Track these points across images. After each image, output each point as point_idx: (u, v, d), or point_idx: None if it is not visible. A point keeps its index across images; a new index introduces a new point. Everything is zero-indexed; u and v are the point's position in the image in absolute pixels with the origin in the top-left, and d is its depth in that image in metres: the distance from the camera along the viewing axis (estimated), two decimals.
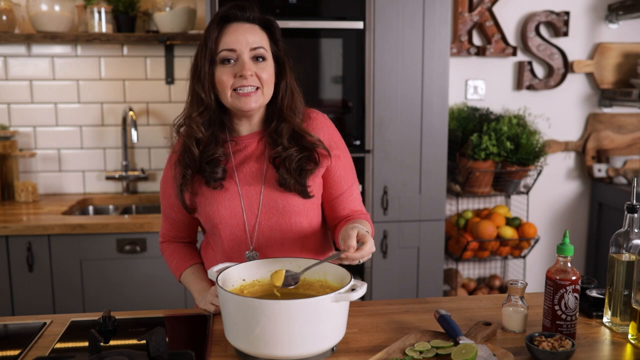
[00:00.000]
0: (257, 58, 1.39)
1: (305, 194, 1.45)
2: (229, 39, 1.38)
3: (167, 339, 1.19)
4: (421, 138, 2.62)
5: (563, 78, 3.23)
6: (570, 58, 3.24)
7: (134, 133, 2.84)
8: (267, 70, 1.41)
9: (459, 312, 1.45)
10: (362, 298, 1.44)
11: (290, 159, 1.42)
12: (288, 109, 1.44)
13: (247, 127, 1.48)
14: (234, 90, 1.39)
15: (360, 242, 1.29)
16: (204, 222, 1.50)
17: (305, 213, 1.47)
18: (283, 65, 1.45)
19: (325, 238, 1.59)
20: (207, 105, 1.41)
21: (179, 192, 1.46)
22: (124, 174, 3.02)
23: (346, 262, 1.29)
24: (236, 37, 1.38)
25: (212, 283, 1.50)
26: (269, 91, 1.42)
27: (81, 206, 2.93)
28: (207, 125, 1.43)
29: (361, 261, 1.31)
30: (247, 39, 1.38)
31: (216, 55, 1.38)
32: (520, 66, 3.21)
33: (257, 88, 1.39)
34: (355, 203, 1.54)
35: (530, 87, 3.22)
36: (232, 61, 1.38)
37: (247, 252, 1.47)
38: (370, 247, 1.29)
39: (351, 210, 1.53)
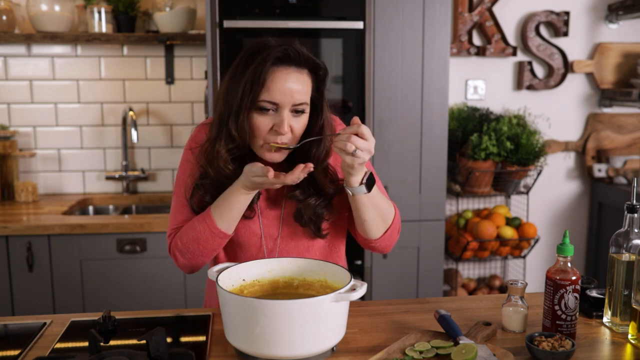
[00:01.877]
0: (296, 111, 1.33)
1: (319, 234, 1.45)
2: (275, 90, 1.28)
3: (167, 339, 1.19)
4: (421, 138, 2.62)
5: (563, 78, 3.23)
6: (570, 58, 3.24)
7: (134, 133, 2.84)
8: (302, 122, 1.34)
9: (459, 312, 1.45)
10: (362, 298, 1.44)
11: (307, 208, 1.41)
12: (314, 158, 1.38)
13: None
14: (267, 142, 1.33)
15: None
16: None
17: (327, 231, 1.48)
18: (320, 107, 1.39)
19: (342, 256, 1.59)
20: (237, 145, 1.34)
21: (191, 203, 1.42)
22: (124, 174, 3.02)
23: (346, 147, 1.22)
24: (283, 88, 1.29)
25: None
26: (296, 141, 1.36)
27: (81, 206, 2.93)
28: (235, 160, 1.37)
29: (356, 151, 1.22)
30: (292, 92, 1.29)
31: (257, 102, 1.30)
32: (520, 66, 3.21)
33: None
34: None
35: (530, 87, 3.22)
36: (271, 111, 1.31)
37: None
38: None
39: None
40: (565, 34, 3.19)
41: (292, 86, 1.30)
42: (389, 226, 1.44)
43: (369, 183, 1.32)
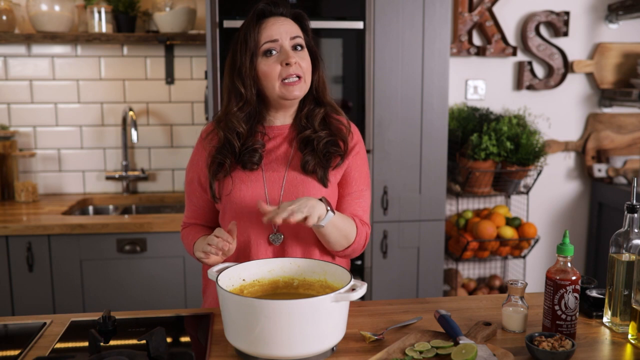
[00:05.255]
0: (296, 47, 1.46)
1: (324, 179, 1.49)
2: (269, 32, 1.44)
3: (167, 339, 1.19)
4: (421, 138, 2.62)
5: (563, 78, 3.23)
6: (570, 58, 3.24)
7: (134, 133, 2.84)
8: (306, 60, 1.48)
9: (459, 312, 1.45)
10: (362, 298, 1.44)
11: (319, 140, 1.49)
12: (322, 96, 1.53)
13: (282, 119, 1.54)
14: (282, 80, 1.44)
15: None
16: (224, 206, 1.51)
17: None
18: (315, 55, 1.52)
19: None
20: (247, 100, 1.47)
21: (211, 179, 1.50)
22: (124, 174, 3.02)
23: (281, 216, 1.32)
24: (276, 28, 1.45)
25: None
26: (308, 80, 1.49)
27: (81, 206, 2.93)
28: (246, 119, 1.49)
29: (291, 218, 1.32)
30: (285, 28, 1.45)
31: (258, 49, 1.45)
32: (520, 66, 3.21)
33: (299, 77, 1.46)
34: (358, 208, 1.54)
35: (530, 87, 3.22)
36: (274, 52, 1.45)
37: (271, 235, 1.49)
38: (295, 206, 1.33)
39: (351, 213, 1.53)
40: (565, 34, 3.19)
41: (281, 26, 1.46)
42: (350, 243, 1.49)
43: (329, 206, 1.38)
